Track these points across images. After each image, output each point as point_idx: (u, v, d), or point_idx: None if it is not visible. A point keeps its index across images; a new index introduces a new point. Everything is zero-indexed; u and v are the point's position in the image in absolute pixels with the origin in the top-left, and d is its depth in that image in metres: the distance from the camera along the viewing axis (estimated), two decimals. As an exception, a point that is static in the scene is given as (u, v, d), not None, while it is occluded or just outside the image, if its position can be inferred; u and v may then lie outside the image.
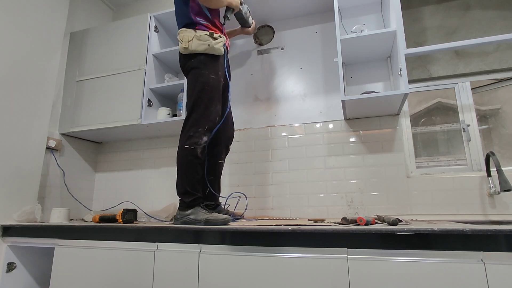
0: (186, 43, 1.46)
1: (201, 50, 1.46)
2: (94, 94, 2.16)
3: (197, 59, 1.47)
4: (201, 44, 1.45)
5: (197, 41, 1.45)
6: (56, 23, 2.10)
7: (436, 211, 1.66)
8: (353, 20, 1.98)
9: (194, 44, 1.45)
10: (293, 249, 1.10)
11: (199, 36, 1.46)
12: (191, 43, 1.45)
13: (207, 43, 1.46)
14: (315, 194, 1.88)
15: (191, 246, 1.23)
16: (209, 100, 1.44)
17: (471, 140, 1.76)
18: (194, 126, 1.41)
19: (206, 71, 1.45)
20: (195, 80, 1.46)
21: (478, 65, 1.84)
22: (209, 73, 1.45)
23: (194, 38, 1.46)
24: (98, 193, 2.44)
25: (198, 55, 1.47)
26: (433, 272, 0.94)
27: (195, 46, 1.45)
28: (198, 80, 1.45)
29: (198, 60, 1.47)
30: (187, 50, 1.47)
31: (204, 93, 1.43)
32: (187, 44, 1.46)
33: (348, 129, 1.92)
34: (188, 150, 1.38)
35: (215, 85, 1.46)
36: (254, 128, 2.12)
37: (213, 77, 1.46)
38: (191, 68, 1.49)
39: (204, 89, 1.43)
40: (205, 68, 1.46)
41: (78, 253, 1.43)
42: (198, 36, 1.46)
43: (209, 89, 1.44)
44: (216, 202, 1.66)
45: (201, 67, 1.46)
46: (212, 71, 1.46)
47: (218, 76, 1.48)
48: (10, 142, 1.77)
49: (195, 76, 1.46)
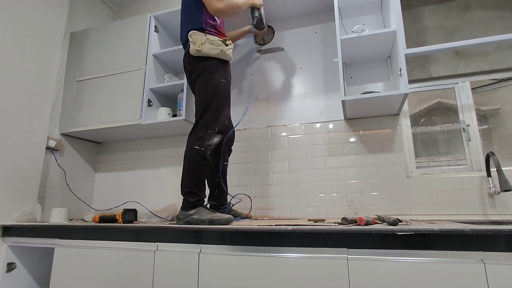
0: (200, 46, 1.48)
1: (213, 54, 1.49)
2: (94, 94, 2.16)
3: (209, 62, 1.50)
4: (213, 48, 1.49)
5: (209, 45, 1.49)
6: (56, 23, 2.10)
7: (436, 211, 1.66)
8: (353, 20, 1.98)
9: (206, 47, 1.48)
10: (293, 249, 1.10)
11: (212, 40, 1.50)
12: (204, 46, 1.48)
13: (220, 48, 1.50)
14: (315, 194, 1.88)
15: (191, 246, 1.23)
16: (220, 103, 1.47)
17: (471, 140, 1.76)
18: (204, 128, 1.44)
19: (217, 75, 1.49)
20: (206, 83, 1.49)
21: (478, 65, 1.84)
22: (220, 77, 1.49)
23: (207, 42, 1.49)
24: (98, 193, 2.44)
25: (209, 58, 1.50)
26: (433, 272, 0.94)
27: (208, 50, 1.48)
28: (210, 84, 1.48)
29: (210, 63, 1.50)
30: (199, 53, 1.49)
31: (216, 96, 1.47)
32: (200, 47, 1.48)
33: (348, 129, 1.92)
34: (198, 151, 1.40)
35: (225, 89, 1.51)
36: (254, 128, 2.12)
37: (223, 81, 1.50)
38: (202, 71, 1.51)
39: (216, 93, 1.47)
40: (216, 72, 1.49)
41: (78, 253, 1.43)
42: (210, 40, 1.50)
43: (220, 92, 1.48)
44: (224, 202, 1.68)
45: (212, 70, 1.49)
46: (222, 75, 1.50)
47: (227, 80, 1.52)
48: (10, 142, 1.77)
49: (207, 80, 1.49)
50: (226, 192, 1.71)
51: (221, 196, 1.69)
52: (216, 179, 1.66)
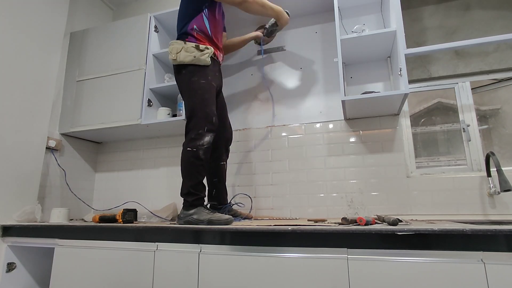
0: (174, 55, 1.53)
1: (188, 61, 1.51)
2: (94, 94, 2.16)
3: (187, 69, 1.53)
4: (187, 56, 1.51)
5: (184, 53, 1.52)
6: (56, 23, 2.10)
7: (436, 211, 1.66)
8: (353, 20, 1.98)
9: (181, 55, 1.52)
10: (293, 249, 1.10)
11: (187, 47, 1.53)
12: (179, 55, 1.52)
13: (193, 54, 1.51)
14: (315, 194, 1.88)
15: (191, 246, 1.23)
16: (204, 103, 1.47)
17: (471, 140, 1.76)
18: (194, 129, 1.45)
19: (195, 78, 1.51)
20: (187, 89, 1.52)
21: (478, 65, 1.84)
22: (198, 79, 1.50)
23: (182, 49, 1.52)
24: (98, 193, 2.44)
25: (187, 65, 1.53)
26: (433, 272, 0.94)
27: (182, 57, 1.52)
28: (190, 88, 1.50)
29: (187, 70, 1.53)
30: (175, 61, 1.54)
31: (197, 97, 1.48)
32: (175, 56, 1.53)
33: (348, 129, 1.92)
34: (190, 152, 1.41)
35: (207, 88, 1.51)
36: (254, 128, 2.12)
37: (203, 82, 1.51)
38: (183, 79, 1.54)
39: (197, 94, 1.48)
40: (195, 76, 1.51)
41: (78, 253, 1.43)
42: (186, 47, 1.53)
43: (201, 92, 1.48)
44: (224, 202, 1.69)
45: (190, 75, 1.52)
46: (201, 77, 1.51)
47: (208, 80, 1.52)
48: (10, 142, 1.77)
49: (187, 85, 1.52)
50: (225, 191, 1.72)
51: (220, 196, 1.69)
52: (214, 179, 1.67)
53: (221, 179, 1.71)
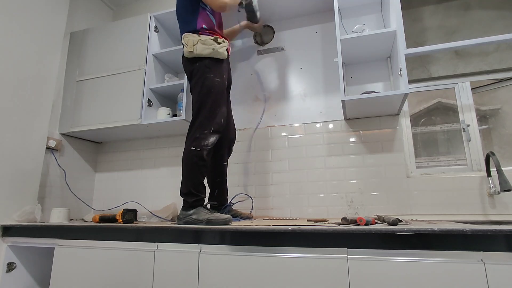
0: (191, 47, 1.49)
1: (206, 54, 1.48)
2: (94, 94, 2.16)
3: (202, 63, 1.49)
4: (205, 48, 1.48)
5: (201, 45, 1.48)
6: (56, 23, 2.10)
7: (436, 211, 1.66)
8: (353, 20, 1.98)
9: (199, 48, 1.48)
10: (293, 249, 1.10)
11: (204, 40, 1.49)
12: (196, 47, 1.48)
13: (212, 47, 1.49)
14: (315, 194, 1.88)
15: (191, 246, 1.23)
16: (215, 103, 1.46)
17: (471, 140, 1.76)
18: (200, 128, 1.43)
19: (211, 74, 1.48)
20: (201, 83, 1.48)
21: (478, 65, 1.84)
22: (214, 77, 1.48)
23: (199, 42, 1.49)
24: (98, 193, 2.44)
25: (203, 59, 1.50)
26: (433, 272, 0.94)
27: (200, 50, 1.48)
28: (204, 84, 1.47)
29: (203, 64, 1.49)
30: (192, 54, 1.49)
31: (210, 96, 1.46)
32: (192, 48, 1.48)
33: (348, 129, 1.92)
34: (194, 152, 1.40)
35: (220, 88, 1.49)
36: (254, 128, 2.12)
37: (218, 80, 1.48)
38: (196, 72, 1.50)
39: (210, 92, 1.46)
40: (210, 72, 1.48)
41: (78, 253, 1.43)
42: (202, 40, 1.49)
43: (215, 92, 1.46)
44: (224, 202, 1.68)
45: (206, 71, 1.48)
46: (216, 74, 1.49)
47: (222, 79, 1.51)
48: (10, 142, 1.77)
49: (201, 80, 1.48)
50: (226, 192, 1.72)
51: (221, 196, 1.69)
52: (216, 179, 1.67)
53: (223, 179, 1.71)
